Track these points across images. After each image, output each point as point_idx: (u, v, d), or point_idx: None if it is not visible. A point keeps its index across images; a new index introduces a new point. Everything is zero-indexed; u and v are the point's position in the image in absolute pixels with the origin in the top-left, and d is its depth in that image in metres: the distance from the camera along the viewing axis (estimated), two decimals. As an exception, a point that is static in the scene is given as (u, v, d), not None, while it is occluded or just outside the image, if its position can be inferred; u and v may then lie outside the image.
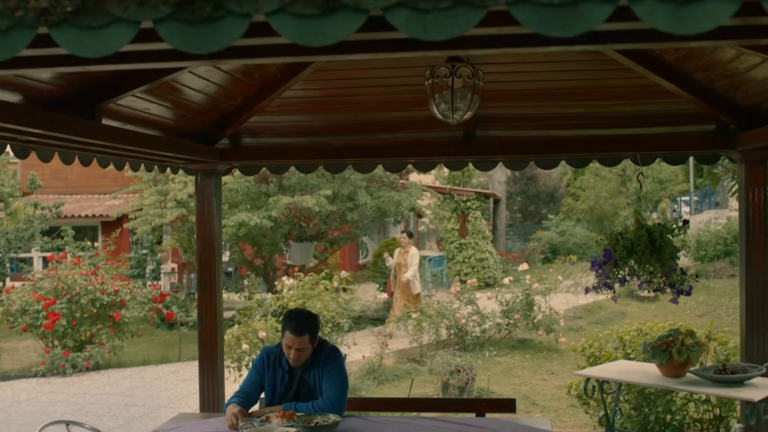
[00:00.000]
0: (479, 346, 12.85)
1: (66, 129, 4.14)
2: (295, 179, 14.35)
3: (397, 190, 15.50)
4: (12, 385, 11.19)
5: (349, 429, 4.30)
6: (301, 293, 8.64)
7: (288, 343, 4.52)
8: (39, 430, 4.47)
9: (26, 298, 12.18)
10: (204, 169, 6.23)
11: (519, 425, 4.33)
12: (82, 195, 25.04)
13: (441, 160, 6.33)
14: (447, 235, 22.28)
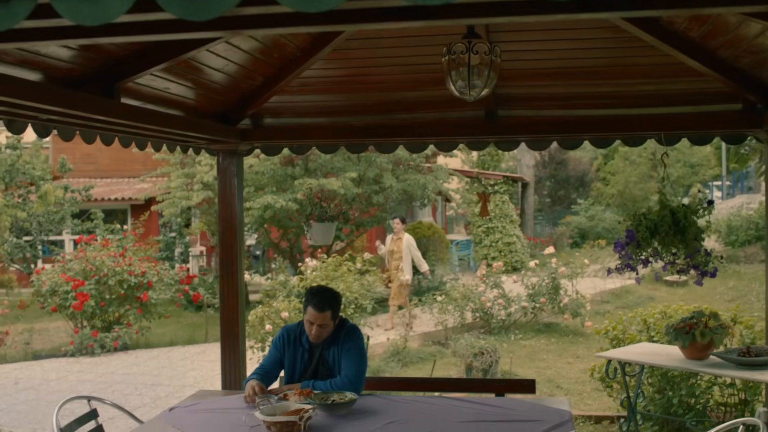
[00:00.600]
0: (504, 329, 12.81)
1: (84, 107, 4.16)
2: (320, 162, 14.38)
3: (423, 173, 15.45)
4: (42, 364, 11.36)
5: (366, 407, 4.30)
6: (324, 274, 8.65)
7: (310, 319, 4.54)
8: (61, 404, 4.52)
9: (56, 279, 12.35)
10: (225, 150, 6.24)
11: (537, 405, 4.31)
12: (112, 179, 25.27)
13: (462, 140, 6.28)
14: (474, 219, 22.21)
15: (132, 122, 4.64)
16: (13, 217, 16.20)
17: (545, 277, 13.03)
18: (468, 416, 4.10)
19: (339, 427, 3.95)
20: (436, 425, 3.94)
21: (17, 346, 12.37)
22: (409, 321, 11.49)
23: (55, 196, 16.88)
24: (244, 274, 6.41)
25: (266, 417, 3.91)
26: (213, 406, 4.45)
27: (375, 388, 5.02)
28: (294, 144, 6.53)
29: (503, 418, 4.03)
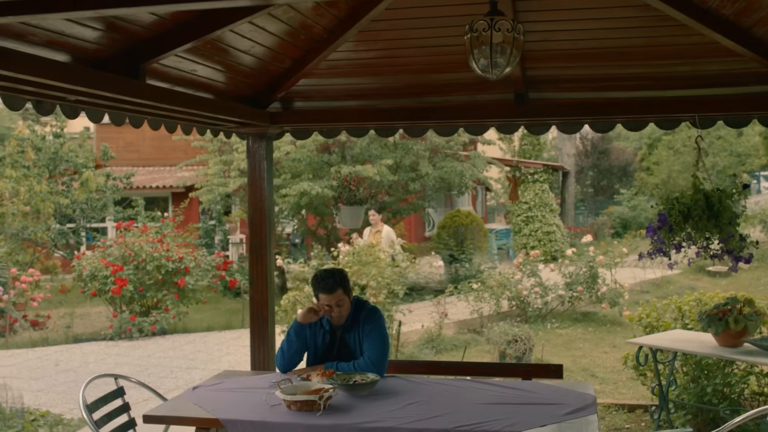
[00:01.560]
0: (541, 318, 12.71)
1: (109, 87, 4.20)
2: (357, 149, 14.37)
3: (460, 161, 15.36)
4: (82, 347, 11.57)
5: (388, 389, 4.29)
6: (357, 260, 8.65)
7: (325, 302, 4.55)
8: (87, 381, 4.59)
9: (96, 264, 12.55)
10: (255, 133, 6.26)
11: (560, 388, 4.26)
12: (154, 167, 25.59)
13: (492, 123, 6.22)
14: (514, 208, 22.05)
15: (157, 103, 4.67)
16: (57, 204, 16.48)
17: (582, 266, 12.88)
18: (490, 398, 4.06)
19: (359, 407, 3.95)
20: (457, 406, 3.91)
21: (59, 329, 12.61)
22: (444, 309, 11.45)
23: (97, 183, 17.13)
24: (274, 257, 6.44)
25: (286, 396, 3.92)
26: (236, 385, 4.48)
27: (400, 372, 4.99)
28: (324, 127, 6.51)
29: (526, 401, 3.99)
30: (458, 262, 16.87)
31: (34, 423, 7.00)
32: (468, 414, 3.76)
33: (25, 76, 3.69)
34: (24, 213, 15.54)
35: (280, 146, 14.01)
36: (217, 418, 3.83)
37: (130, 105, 4.84)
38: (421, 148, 14.49)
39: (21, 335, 12.63)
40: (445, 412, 3.82)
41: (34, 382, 9.26)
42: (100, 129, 27.12)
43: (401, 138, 14.20)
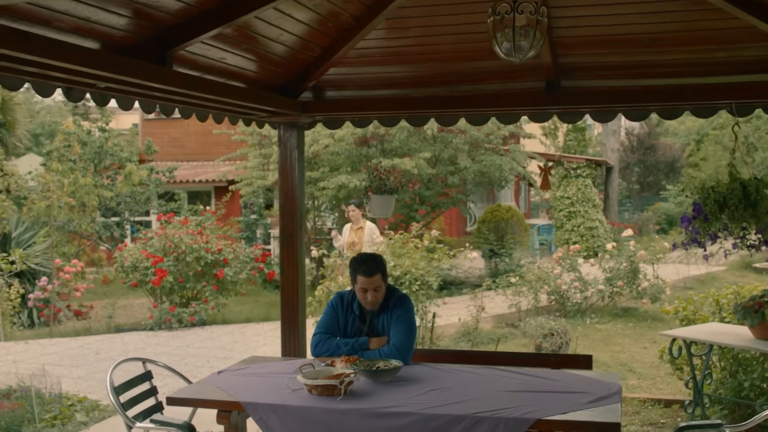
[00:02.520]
0: (580, 313, 12.56)
1: (137, 74, 4.24)
2: (396, 143, 14.36)
3: (500, 155, 15.25)
4: (122, 337, 11.75)
5: (411, 376, 4.27)
6: (391, 251, 8.64)
7: (363, 286, 4.55)
8: (115, 364, 4.65)
9: (137, 255, 12.74)
10: (286, 122, 6.28)
11: (586, 377, 4.19)
12: (198, 162, 25.87)
13: (524, 112, 6.16)
14: (556, 203, 21.84)
15: (186, 90, 4.70)
16: (101, 197, 16.76)
17: (623, 261, 12.70)
18: (513, 386, 4.02)
19: (380, 392, 3.94)
20: (479, 393, 3.88)
21: (100, 319, 12.83)
22: (480, 302, 11.37)
23: (139, 176, 17.38)
24: (305, 246, 6.46)
25: (308, 380, 3.93)
26: (260, 370, 4.50)
27: (427, 361, 4.96)
28: (355, 117, 6.51)
29: (549, 389, 3.94)
30: (498, 256, 16.76)
31: (71, 408, 7.13)
32: (489, 401, 3.73)
33: (54, 61, 3.74)
34: (70, 206, 15.84)
35: (318, 140, 14.07)
36: (238, 401, 3.85)
37: (160, 92, 4.89)
38: (461, 142, 14.42)
39: (65, 325, 12.88)
40: (466, 398, 3.79)
41: (75, 369, 9.43)
42: (146, 124, 27.54)
43: (439, 131, 14.15)
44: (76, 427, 6.66)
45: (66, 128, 18.73)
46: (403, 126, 13.79)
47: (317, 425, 3.70)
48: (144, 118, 27.85)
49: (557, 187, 21.81)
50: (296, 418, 3.72)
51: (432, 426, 3.54)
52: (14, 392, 7.28)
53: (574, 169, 21.32)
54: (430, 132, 13.98)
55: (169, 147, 25.92)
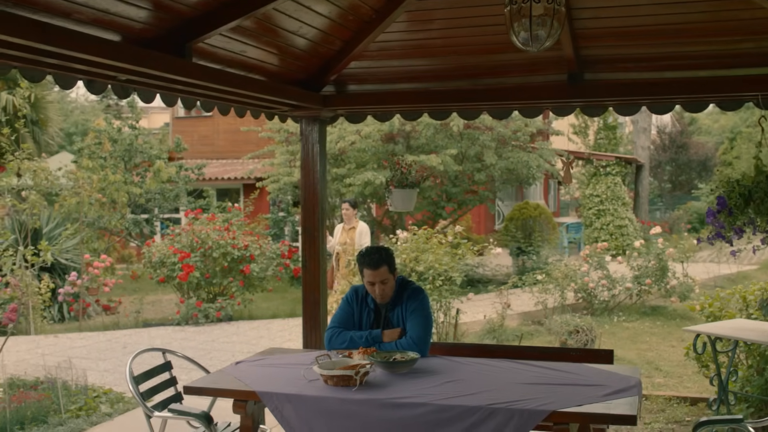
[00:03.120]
0: (608, 311, 12.45)
1: (155, 65, 4.27)
2: (423, 139, 14.33)
3: (527, 152, 15.15)
4: (150, 332, 11.86)
5: (428, 367, 4.26)
6: (415, 246, 8.62)
7: (370, 279, 4.54)
8: (135, 354, 4.69)
9: (164, 251, 12.85)
10: (308, 116, 6.29)
11: (604, 370, 4.15)
12: (227, 160, 26.05)
13: (547, 105, 6.10)
14: (585, 201, 21.65)
15: (205, 82, 4.72)
16: (131, 194, 16.93)
17: (651, 258, 12.55)
18: (531, 378, 3.99)
19: (396, 384, 3.92)
20: (495, 385, 3.85)
21: (129, 314, 12.96)
22: (506, 299, 11.31)
23: (168, 173, 17.52)
24: (326, 240, 6.47)
25: (324, 371, 3.93)
26: (277, 361, 4.51)
27: (446, 354, 4.94)
28: (377, 111, 6.50)
29: (566, 382, 3.90)
30: (525, 254, 16.66)
31: (97, 399, 7.20)
32: (505, 392, 3.70)
33: (74, 53, 3.78)
34: (101, 203, 16.01)
35: (344, 136, 14.08)
36: (254, 391, 3.86)
37: (181, 85, 4.91)
38: (488, 139, 14.34)
39: (94, 319, 13.04)
40: (481, 390, 3.77)
41: (102, 363, 9.53)
42: (176, 123, 27.79)
43: (465, 127, 14.09)
44: (101, 418, 6.73)
45: (97, 126, 18.95)
46: (429, 123, 13.78)
47: (331, 415, 3.70)
48: (174, 117, 28.12)
49: (586, 185, 21.62)
50: (311, 408, 3.73)
51: (445, 417, 3.53)
52: (41, 384, 7.38)
53: (604, 167, 21.11)
54: (456, 129, 13.93)
55: (198, 145, 26.14)
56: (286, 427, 3.78)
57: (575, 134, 33.96)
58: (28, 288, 11.63)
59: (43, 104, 18.94)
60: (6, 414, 6.32)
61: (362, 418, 3.64)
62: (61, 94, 42.65)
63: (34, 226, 13.41)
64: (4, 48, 3.66)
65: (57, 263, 13.47)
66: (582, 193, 21.94)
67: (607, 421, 3.43)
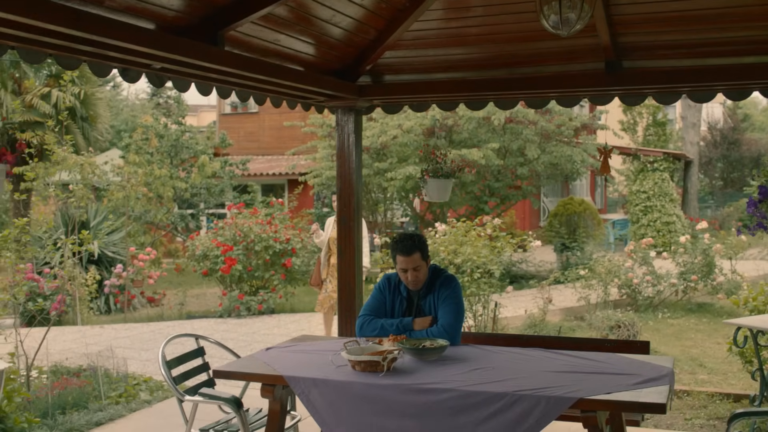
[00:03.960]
0: (652, 307, 12.24)
1: (188, 53, 4.31)
2: (465, 134, 14.26)
3: (571, 146, 14.97)
4: (192, 323, 12.01)
5: (457, 355, 4.23)
6: (453, 239, 8.58)
7: (402, 266, 4.53)
8: (168, 339, 4.74)
9: (208, 244, 13.00)
10: (344, 106, 6.30)
11: (637, 360, 4.07)
12: (273, 156, 26.26)
13: (584, 94, 6.01)
14: (632, 197, 21.32)
15: (237, 70, 4.75)
16: (176, 189, 17.16)
17: (697, 254, 12.31)
18: (561, 367, 3.93)
19: (424, 370, 3.91)
20: (524, 373, 3.81)
21: (172, 306, 13.14)
22: (548, 294, 11.20)
23: (212, 168, 17.71)
24: (361, 228, 6.48)
25: (351, 356, 3.92)
26: (308, 347, 4.53)
27: (478, 343, 4.90)
28: (413, 100, 6.48)
29: (596, 370, 3.84)
30: (569, 250, 16.47)
31: (137, 387, 7.31)
32: (533, 380, 3.66)
33: (108, 40, 3.84)
34: (148, 198, 16.27)
35: (386, 130, 14.08)
36: (281, 375, 3.87)
37: (215, 74, 4.95)
38: (531, 133, 14.21)
39: (140, 311, 13.25)
40: (509, 377, 3.73)
41: (144, 353, 9.68)
42: (223, 119, 28.09)
43: (508, 122, 13.98)
44: (140, 405, 6.84)
45: (144, 122, 19.25)
46: (472, 116, 13.71)
47: (357, 399, 3.69)
48: (221, 113, 28.44)
49: (633, 181, 21.28)
50: (336, 392, 3.73)
51: (470, 402, 3.50)
52: (84, 371, 7.52)
53: (651, 163, 20.76)
54: (497, 122, 13.82)
55: (245, 141, 26.42)
56: (312, 411, 3.79)
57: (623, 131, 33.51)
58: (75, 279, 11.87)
59: (93, 101, 19.22)
60: (48, 399, 6.45)
61: (387, 403, 3.63)
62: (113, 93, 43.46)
63: (81, 218, 13.70)
64: (40, 35, 3.73)
65: (104, 256, 13.73)
66: (629, 189, 21.59)
67: (635, 409, 3.37)
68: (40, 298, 11.07)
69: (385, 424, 3.65)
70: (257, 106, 27.73)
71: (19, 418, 5.77)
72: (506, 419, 3.45)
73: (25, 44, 3.90)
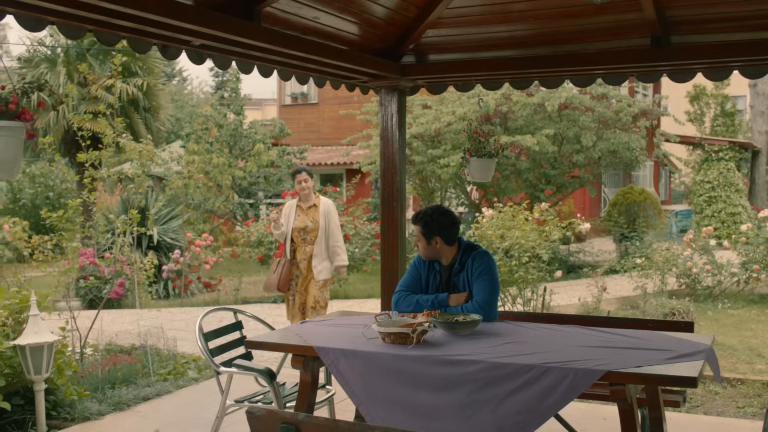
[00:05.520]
0: (711, 297, 11.93)
1: (224, 28, 4.34)
2: (521, 121, 14.10)
3: (629, 133, 14.67)
4: (247, 308, 12.13)
5: (490, 330, 4.18)
6: (500, 223, 8.49)
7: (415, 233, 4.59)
8: (205, 313, 4.81)
9: (262, 230, 13.15)
10: (387, 86, 6.29)
11: (674, 337, 3.96)
12: (332, 146, 26.42)
13: (630, 71, 5.87)
14: (696, 187, 20.83)
15: (274, 46, 4.77)
16: (234, 177, 17.40)
17: (760, 244, 11.94)
18: (593, 342, 3.86)
19: (454, 343, 3.87)
20: (553, 347, 3.75)
21: (228, 291, 13.33)
22: (602, 282, 11.01)
23: (268, 156, 17.88)
24: (405, 209, 6.46)
25: (381, 328, 3.92)
26: (342, 321, 4.54)
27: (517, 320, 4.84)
28: (458, 80, 6.43)
29: (630, 346, 3.75)
30: (628, 240, 16.17)
31: (185, 365, 7.44)
32: (563, 354, 3.59)
33: (148, 14, 3.90)
34: (208, 186, 16.54)
35: (440, 117, 14.02)
36: (311, 346, 3.89)
37: (257, 51, 4.99)
38: (587, 120, 13.97)
39: (197, 296, 13.49)
40: (539, 351, 3.67)
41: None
42: (283, 110, 28.39)
43: (563, 108, 13.77)
44: (187, 383, 6.96)
45: (204, 112, 19.56)
46: (527, 102, 13.55)
47: (384, 371, 3.68)
48: (281, 105, 28.73)
49: (697, 171, 20.79)
50: (365, 363, 3.72)
51: (498, 375, 3.45)
52: (135, 349, 7.68)
53: (716, 152, 20.23)
54: (550, 108, 13.62)
55: (304, 132, 26.67)
56: (342, 383, 3.80)
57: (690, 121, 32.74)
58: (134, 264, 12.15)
59: (155, 92, 19.65)
60: (99, 374, 6.62)
61: (414, 375, 3.61)
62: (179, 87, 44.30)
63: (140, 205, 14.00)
64: (79, 9, 3.81)
65: (162, 242, 14.01)
66: (692, 179, 21.09)
67: (664, 383, 3.28)
68: (99, 282, 11.39)
69: (415, 396, 3.63)
70: (317, 96, 28.05)
71: (70, 390, 5.93)
72: (534, 392, 3.40)
73: (64, 19, 3.98)
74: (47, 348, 5.33)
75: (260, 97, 47.40)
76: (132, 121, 18.44)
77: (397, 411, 3.65)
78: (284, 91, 28.39)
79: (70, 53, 18.43)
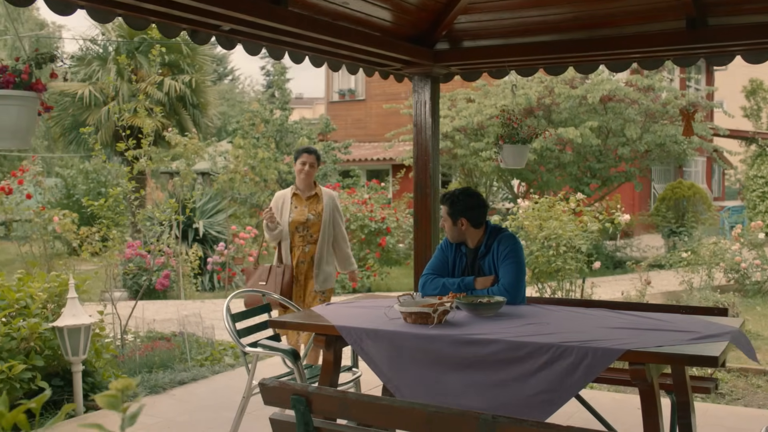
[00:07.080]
0: (761, 292, 11.65)
1: (251, 11, 4.38)
2: (565, 114, 13.95)
3: (677, 126, 14.39)
4: (288, 300, 12.26)
5: (515, 312, 4.15)
6: (537, 214, 8.40)
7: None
8: (233, 294, 4.85)
9: (303, 222, 13.24)
10: (420, 73, 6.28)
11: (702, 320, 3.88)
12: (379, 143, 26.49)
13: (667, 54, 5.76)
14: (749, 182, 20.35)
15: (302, 30, 4.80)
16: (280, 171, 17.55)
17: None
18: (618, 324, 3.79)
19: (475, 323, 3.85)
20: (578, 329, 3.69)
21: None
22: (646, 276, 10.83)
23: (313, 150, 17.97)
24: (439, 197, 6.44)
25: (403, 308, 3.91)
26: (367, 303, 4.55)
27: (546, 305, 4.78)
28: (491, 66, 6.39)
29: (654, 327, 3.68)
30: (677, 235, 15.88)
31: (222, 352, 7.53)
32: (585, 334, 3.54)
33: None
34: (255, 181, 16.70)
35: (482, 110, 13.94)
36: (333, 325, 3.90)
37: (288, 36, 5.02)
38: (633, 112, 13.75)
39: (240, 288, 13.60)
40: (561, 331, 3.62)
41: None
42: (331, 107, 28.52)
43: (606, 100, 13.57)
44: (223, 368, 7.04)
45: (252, 108, 19.77)
46: (571, 95, 13.39)
47: (405, 350, 3.68)
48: (329, 101, 28.88)
49: (750, 166, 20.31)
50: (387, 342, 3.73)
51: (518, 354, 3.42)
52: (174, 336, 7.80)
53: (766, 142, 19.75)
54: (591, 100, 13.43)
55: (352, 128, 26.77)
56: (367, 359, 3.81)
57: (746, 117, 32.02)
58: (180, 256, 12.34)
59: (203, 88, 19.92)
60: (136, 359, 6.74)
61: (435, 354, 3.60)
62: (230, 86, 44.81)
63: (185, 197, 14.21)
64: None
65: (208, 235, 14.20)
66: (745, 174, 20.61)
67: (684, 362, 3.22)
68: (145, 273, 11.59)
69: (440, 375, 3.62)
70: (364, 93, 28.13)
71: (107, 372, 6.05)
72: (554, 372, 3.36)
73: (93, 3, 4.06)
74: (84, 330, 5.45)
75: (311, 96, 47.71)
76: (180, 117, 18.73)
77: (423, 389, 3.64)
78: (332, 87, 28.53)
79: (120, 50, 18.78)
